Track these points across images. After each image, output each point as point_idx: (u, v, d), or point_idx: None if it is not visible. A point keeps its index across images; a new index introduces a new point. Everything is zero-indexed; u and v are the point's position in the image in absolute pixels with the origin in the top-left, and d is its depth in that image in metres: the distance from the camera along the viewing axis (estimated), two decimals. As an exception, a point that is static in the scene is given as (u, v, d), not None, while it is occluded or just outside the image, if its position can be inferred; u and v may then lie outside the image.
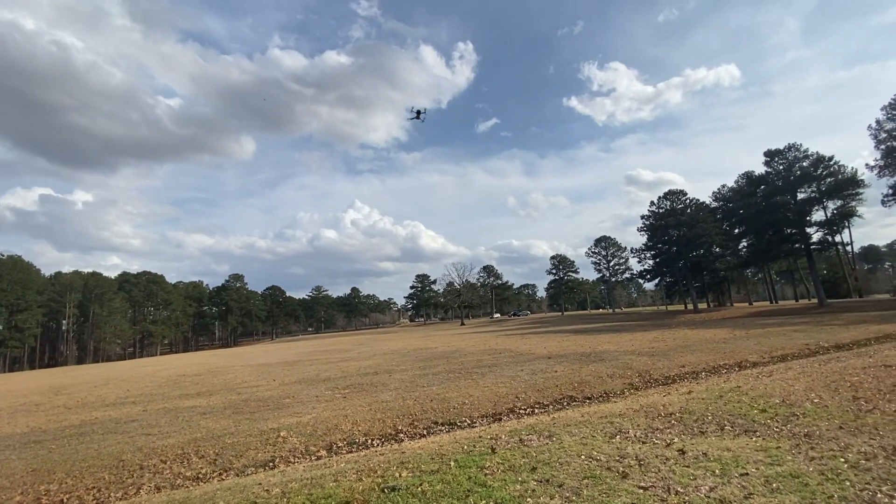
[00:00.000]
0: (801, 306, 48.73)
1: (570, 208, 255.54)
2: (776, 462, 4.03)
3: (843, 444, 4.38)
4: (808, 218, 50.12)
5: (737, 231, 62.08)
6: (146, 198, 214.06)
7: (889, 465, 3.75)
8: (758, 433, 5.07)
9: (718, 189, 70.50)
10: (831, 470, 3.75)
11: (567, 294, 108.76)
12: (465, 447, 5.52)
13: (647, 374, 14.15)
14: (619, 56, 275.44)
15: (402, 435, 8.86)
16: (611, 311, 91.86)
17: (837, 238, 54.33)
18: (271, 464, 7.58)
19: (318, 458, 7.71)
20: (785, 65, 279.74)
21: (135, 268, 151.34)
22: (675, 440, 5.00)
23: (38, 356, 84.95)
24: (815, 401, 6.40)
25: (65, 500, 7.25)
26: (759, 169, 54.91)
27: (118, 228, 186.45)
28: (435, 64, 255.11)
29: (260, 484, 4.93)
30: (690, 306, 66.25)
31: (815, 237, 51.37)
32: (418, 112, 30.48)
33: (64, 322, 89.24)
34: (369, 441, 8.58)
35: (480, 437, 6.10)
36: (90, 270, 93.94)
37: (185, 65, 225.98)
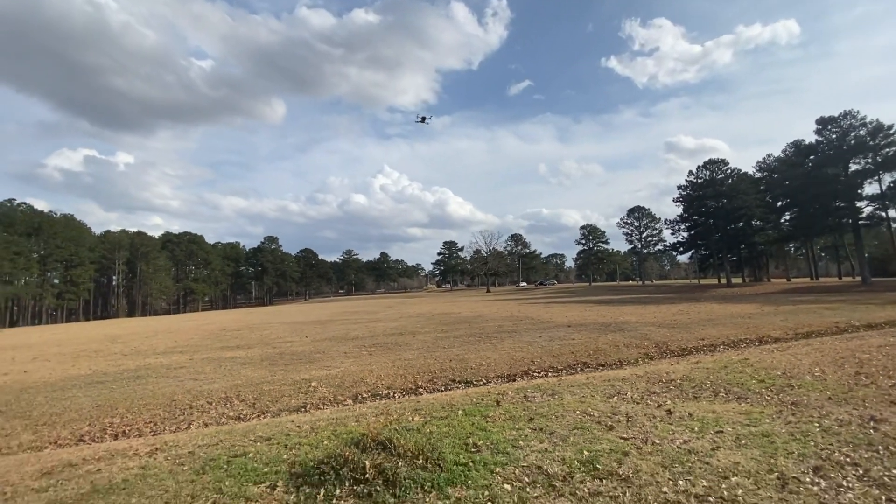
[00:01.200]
0: (842, 284, 46.83)
1: (603, 176, 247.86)
2: (753, 423, 4.39)
3: (824, 412, 4.68)
4: (859, 191, 47.24)
5: (780, 204, 59.20)
6: (183, 160, 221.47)
7: (858, 431, 4.05)
8: (748, 400, 5.40)
9: (763, 159, 66.87)
10: (802, 432, 4.08)
11: (596, 265, 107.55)
12: (474, 400, 6.10)
13: (664, 345, 14.36)
14: (664, 11, 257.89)
15: (421, 389, 9.59)
16: (640, 283, 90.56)
17: (891, 213, 51.19)
18: (303, 409, 8.44)
19: (345, 405, 8.52)
20: (851, 21, 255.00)
21: (175, 228, 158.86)
22: (668, 402, 5.39)
23: (92, 309, 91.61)
24: (817, 374, 6.61)
25: (126, 431, 8.31)
26: (811, 138, 51.63)
27: (158, 189, 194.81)
28: (466, 21, 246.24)
29: (293, 421, 5.67)
30: (724, 280, 64.60)
31: (866, 211, 48.55)
32: (423, 118, 36.19)
33: (114, 278, 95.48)
34: (391, 393, 9.35)
35: (489, 392, 6.67)
36: (136, 230, 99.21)
37: (215, 24, 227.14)
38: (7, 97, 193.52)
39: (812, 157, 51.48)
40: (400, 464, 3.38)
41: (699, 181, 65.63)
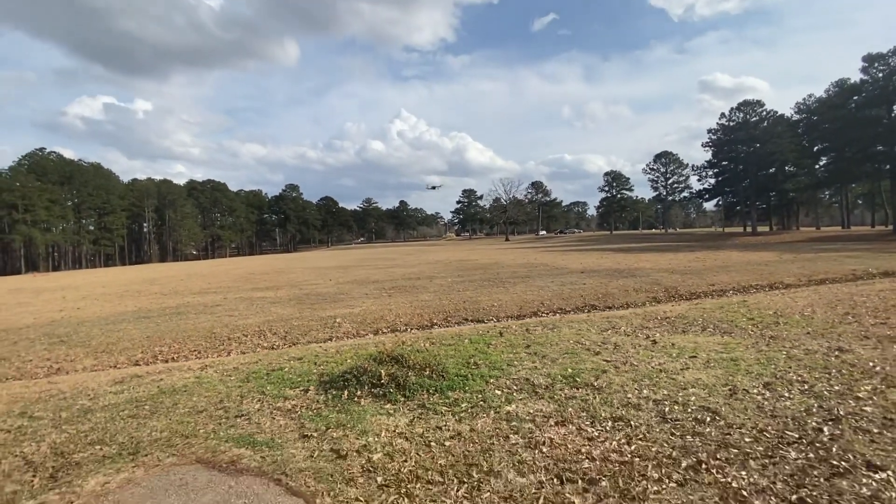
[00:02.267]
0: (872, 232, 45.46)
1: (631, 119, 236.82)
2: (726, 351, 4.89)
3: (796, 344, 5.13)
4: (902, 135, 44.46)
5: (816, 148, 56.24)
6: (200, 106, 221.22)
7: (819, 359, 4.50)
8: (732, 334, 5.87)
9: (804, 100, 62.69)
10: (768, 358, 4.57)
11: (618, 213, 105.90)
12: (480, 332, 6.76)
13: (673, 289, 14.72)
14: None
15: (435, 326, 10.34)
16: (663, 231, 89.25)
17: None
18: (329, 340, 9.32)
19: (366, 338, 9.36)
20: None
21: (198, 176, 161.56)
22: (656, 335, 5.92)
23: (127, 254, 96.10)
24: (807, 314, 6.99)
25: (175, 357, 9.34)
26: (859, 76, 48.04)
27: (178, 137, 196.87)
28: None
29: (321, 347, 6.46)
30: (750, 228, 63.21)
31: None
32: (434, 186, 39.20)
33: (145, 225, 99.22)
34: (408, 329, 10.14)
35: (495, 326, 7.32)
36: (161, 178, 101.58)
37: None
38: (23, 44, 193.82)
39: (856, 97, 48.25)
40: (410, 373, 4.05)
41: (731, 124, 62.69)
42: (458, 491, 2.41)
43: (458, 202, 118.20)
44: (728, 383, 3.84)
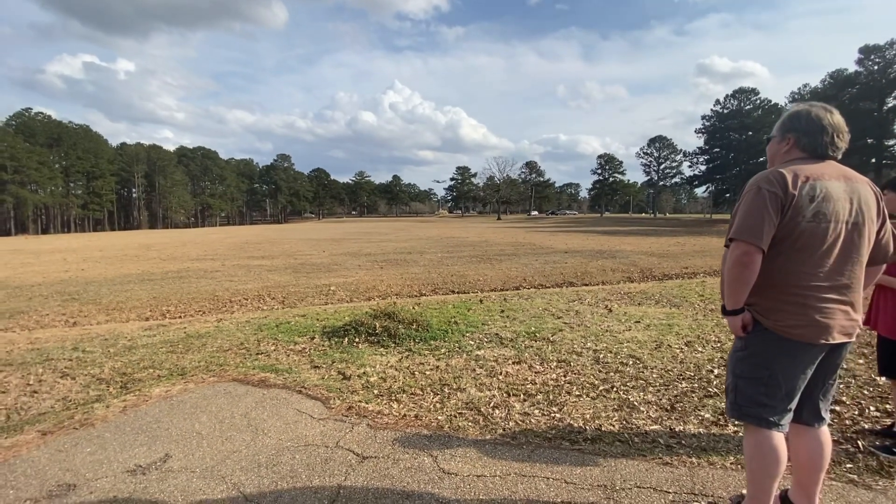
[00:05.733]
0: (850, 224, 47.05)
1: (627, 101, 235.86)
2: (667, 319, 5.80)
3: (728, 315, 6.05)
4: (892, 128, 45.48)
5: (806, 139, 57.28)
6: (185, 69, 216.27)
7: (739, 324, 5.43)
8: (680, 307, 6.79)
9: (799, 89, 63.33)
10: (699, 325, 5.49)
11: (610, 196, 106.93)
12: (463, 300, 7.63)
13: (648, 271, 15.70)
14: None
15: (424, 296, 11.22)
16: (653, 215, 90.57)
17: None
18: (325, 306, 10.14)
19: (360, 304, 10.20)
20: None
21: (185, 141, 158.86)
22: (613, 306, 6.82)
23: (116, 220, 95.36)
24: (751, 293, 7.94)
25: (182, 316, 10.10)
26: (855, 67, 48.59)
27: (162, 100, 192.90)
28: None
29: (320, 307, 7.28)
30: (735, 216, 64.66)
31: (894, 152, 47.19)
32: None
33: (134, 190, 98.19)
34: (399, 297, 11.01)
35: (477, 295, 8.19)
36: (150, 143, 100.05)
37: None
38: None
39: (850, 89, 48.93)
40: (400, 326, 4.90)
41: (725, 111, 63.34)
42: (433, 398, 3.29)
43: (452, 179, 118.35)
44: (656, 340, 4.75)
